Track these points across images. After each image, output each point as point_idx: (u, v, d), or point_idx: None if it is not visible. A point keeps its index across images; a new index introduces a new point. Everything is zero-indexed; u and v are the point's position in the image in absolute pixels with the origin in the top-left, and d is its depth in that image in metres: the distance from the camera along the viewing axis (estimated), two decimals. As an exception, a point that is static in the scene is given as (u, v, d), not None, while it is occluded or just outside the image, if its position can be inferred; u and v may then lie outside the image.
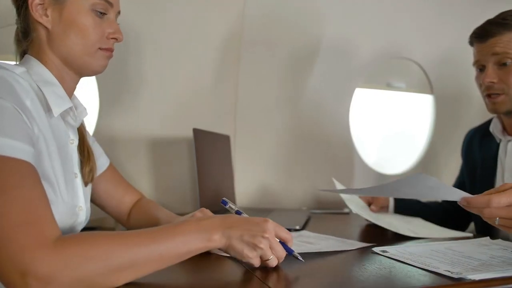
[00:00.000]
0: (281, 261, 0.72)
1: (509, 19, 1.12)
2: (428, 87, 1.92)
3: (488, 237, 1.01)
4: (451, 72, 1.91)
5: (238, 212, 0.84)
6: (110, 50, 0.87)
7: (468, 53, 1.83)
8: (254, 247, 0.68)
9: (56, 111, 0.77)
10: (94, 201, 1.00)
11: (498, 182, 1.23)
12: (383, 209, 1.35)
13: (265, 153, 1.70)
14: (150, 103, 1.47)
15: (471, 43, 1.22)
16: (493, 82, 1.14)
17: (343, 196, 1.29)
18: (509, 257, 0.81)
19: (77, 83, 0.89)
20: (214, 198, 1.36)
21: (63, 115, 0.82)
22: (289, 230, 1.09)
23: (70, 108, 0.82)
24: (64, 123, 0.83)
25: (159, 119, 1.49)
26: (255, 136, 1.68)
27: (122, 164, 1.34)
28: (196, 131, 1.24)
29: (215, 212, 1.30)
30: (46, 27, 0.80)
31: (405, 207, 1.35)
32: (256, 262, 0.70)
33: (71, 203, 0.80)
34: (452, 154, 1.94)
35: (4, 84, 0.67)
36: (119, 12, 0.90)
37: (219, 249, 0.70)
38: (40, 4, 0.80)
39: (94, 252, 0.58)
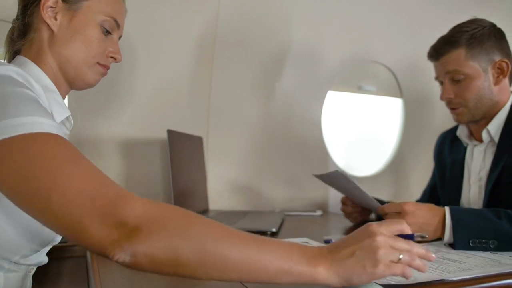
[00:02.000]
0: (417, 251, 0.60)
1: (457, 36, 1.16)
2: (397, 91, 1.96)
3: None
4: (420, 77, 1.96)
5: None
6: (107, 67, 0.88)
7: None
8: (375, 256, 0.56)
9: (58, 119, 0.76)
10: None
11: (465, 186, 1.27)
12: (365, 211, 1.37)
13: (237, 154, 1.69)
14: (122, 103, 1.43)
15: (428, 59, 1.27)
16: (450, 98, 1.20)
17: None
18: (487, 257, 0.83)
19: (67, 94, 0.88)
20: (188, 201, 1.34)
21: (59, 124, 0.81)
22: (265, 233, 1.10)
23: (67, 117, 0.82)
24: None
25: (131, 120, 1.46)
26: (228, 138, 1.67)
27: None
28: (170, 133, 1.22)
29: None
30: (51, 30, 0.80)
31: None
32: (398, 270, 0.57)
33: None
34: (419, 157, 1.99)
35: (27, 79, 0.66)
36: (120, 37, 0.92)
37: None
38: (52, 7, 0.80)
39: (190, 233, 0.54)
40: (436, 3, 1.87)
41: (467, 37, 1.16)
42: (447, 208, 0.96)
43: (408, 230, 0.62)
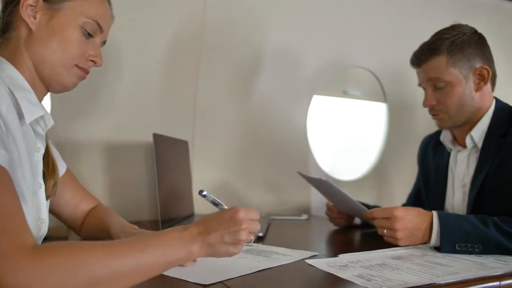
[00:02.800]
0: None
1: (438, 43, 1.17)
2: (382, 95, 1.98)
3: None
4: (404, 82, 1.98)
5: (215, 203, 0.84)
6: (86, 71, 0.86)
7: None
8: (238, 242, 0.70)
9: (28, 118, 0.74)
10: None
11: (449, 191, 1.28)
12: (349, 216, 1.38)
13: (223, 158, 1.68)
14: (106, 106, 1.41)
15: (411, 66, 1.28)
16: (432, 105, 1.21)
17: None
18: (473, 261, 0.84)
19: (44, 96, 0.86)
20: (174, 204, 1.32)
21: (33, 123, 0.78)
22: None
23: (41, 116, 0.79)
24: (33, 131, 0.79)
25: (115, 122, 1.43)
26: (214, 142, 1.65)
27: (75, 169, 1.27)
28: (156, 136, 1.20)
29: (174, 219, 1.28)
30: (29, 28, 0.78)
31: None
32: (240, 249, 0.72)
33: (35, 215, 0.75)
34: (403, 161, 2.01)
35: None
36: (104, 42, 0.91)
37: None
38: (32, 6, 0.78)
39: (76, 261, 0.54)
40: (419, 9, 1.90)
41: (448, 44, 1.16)
42: (435, 213, 0.98)
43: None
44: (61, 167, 0.97)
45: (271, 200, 1.77)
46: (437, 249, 0.96)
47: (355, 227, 1.40)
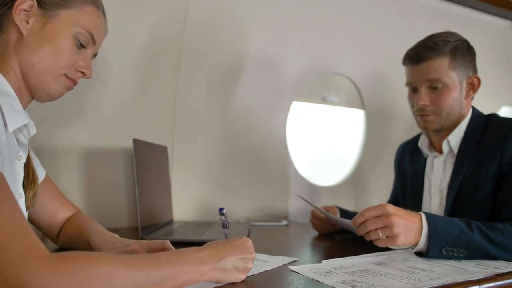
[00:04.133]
0: None
1: (440, 44, 1.18)
2: (360, 102, 2.01)
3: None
4: (381, 89, 2.02)
5: (224, 225, 0.85)
6: (74, 82, 0.85)
7: (396, 73, 1.95)
8: (246, 270, 0.73)
9: (11, 126, 0.72)
10: (25, 216, 0.91)
11: (426, 196, 1.31)
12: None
13: (202, 164, 1.67)
14: (84, 111, 1.38)
15: (405, 63, 1.26)
16: (425, 105, 1.20)
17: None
18: (453, 265, 0.85)
19: (28, 103, 0.84)
20: (153, 211, 1.30)
21: (16, 131, 0.76)
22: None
23: (25, 125, 0.77)
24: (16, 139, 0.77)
25: (93, 128, 1.40)
26: (193, 148, 1.64)
27: (53, 175, 1.24)
28: (136, 142, 1.18)
29: (154, 226, 1.26)
30: (20, 33, 0.76)
31: (348, 215, 1.39)
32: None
33: None
34: (380, 167, 2.04)
35: None
36: (95, 55, 0.90)
37: None
38: (26, 10, 0.77)
39: (97, 271, 0.54)
40: (395, 18, 1.94)
41: (452, 48, 1.17)
42: (423, 215, 0.95)
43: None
44: (40, 174, 0.95)
45: (250, 206, 1.76)
46: (419, 254, 0.97)
47: (335, 232, 1.41)
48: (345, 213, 1.42)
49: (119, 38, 1.41)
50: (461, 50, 1.19)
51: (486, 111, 1.28)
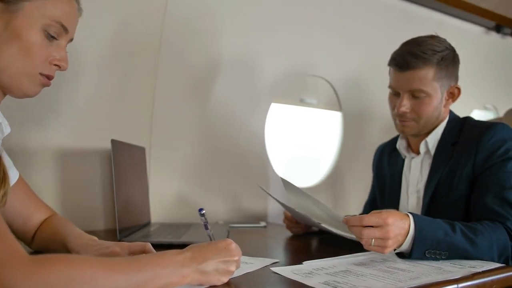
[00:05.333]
0: None
1: (428, 53, 1.16)
2: (337, 104, 2.03)
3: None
4: (357, 92, 2.04)
5: (206, 226, 0.83)
6: (50, 77, 0.80)
7: (373, 75, 1.98)
8: (229, 273, 0.72)
9: None
10: (-2, 219, 0.88)
11: (403, 197, 1.33)
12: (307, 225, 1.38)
13: (180, 165, 1.65)
14: (59, 111, 1.35)
15: (390, 65, 1.25)
16: (406, 112, 1.20)
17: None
18: (431, 265, 0.87)
19: (1, 100, 0.80)
20: (131, 213, 1.28)
21: None
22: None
23: None
24: None
25: (68, 128, 1.37)
26: (171, 149, 1.62)
27: (27, 176, 1.20)
28: (114, 143, 1.16)
29: (132, 228, 1.24)
30: None
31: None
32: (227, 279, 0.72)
33: None
34: (358, 169, 2.07)
35: None
36: (71, 39, 0.84)
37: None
38: None
39: (77, 274, 0.53)
40: (371, 20, 1.97)
41: (438, 58, 1.16)
42: (411, 218, 0.94)
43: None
44: (13, 176, 0.91)
45: (228, 208, 1.76)
46: (400, 254, 0.98)
47: (312, 233, 1.41)
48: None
49: (96, 37, 1.39)
50: (446, 62, 1.18)
51: (458, 114, 1.31)
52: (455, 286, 0.75)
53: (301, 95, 1.97)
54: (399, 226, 0.90)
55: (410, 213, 0.95)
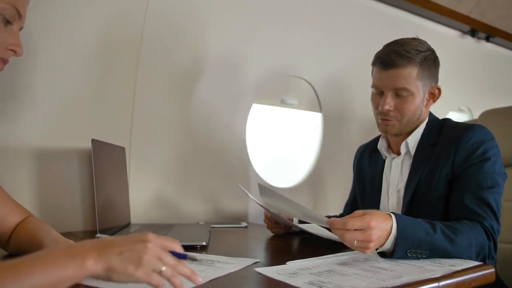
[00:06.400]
0: (181, 270, 0.63)
1: (412, 52, 1.19)
2: (317, 105, 2.05)
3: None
4: (338, 93, 2.06)
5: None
6: (5, 61, 0.79)
7: (354, 77, 2.01)
8: (139, 261, 0.58)
9: None
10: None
11: (384, 197, 1.35)
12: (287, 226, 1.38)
13: (161, 165, 1.63)
14: (35, 110, 1.31)
15: (374, 65, 1.27)
16: (389, 110, 1.23)
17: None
18: (413, 264, 0.89)
19: None
20: (111, 214, 1.26)
21: None
22: (195, 246, 1.07)
23: None
24: None
25: (45, 127, 1.34)
26: (152, 148, 1.60)
27: (1, 178, 1.18)
28: (94, 142, 1.13)
29: (112, 229, 1.22)
30: None
31: None
32: (154, 280, 0.59)
33: None
34: (337, 169, 2.09)
35: None
36: (22, 28, 0.82)
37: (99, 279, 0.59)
38: None
39: None
40: (351, 22, 1.99)
41: (422, 58, 1.20)
42: (393, 218, 0.95)
43: (180, 250, 0.65)
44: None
45: (209, 208, 1.75)
46: (382, 253, 0.99)
47: (293, 233, 1.42)
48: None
49: (75, 34, 1.36)
50: (428, 62, 1.22)
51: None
52: (436, 284, 0.77)
53: (282, 95, 1.98)
54: (381, 228, 0.91)
55: (393, 213, 0.96)
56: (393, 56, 1.19)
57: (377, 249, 0.95)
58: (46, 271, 0.55)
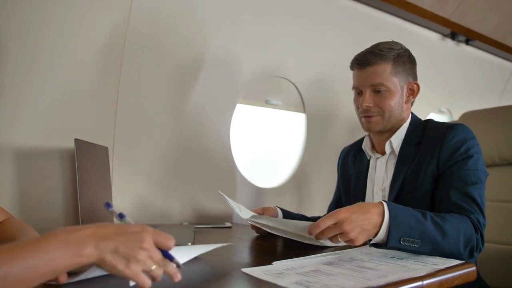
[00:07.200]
0: (168, 269, 0.64)
1: (385, 50, 1.27)
2: (302, 106, 2.06)
3: (367, 245, 1.10)
4: (322, 93, 2.08)
5: (121, 216, 0.75)
6: None
7: (337, 78, 2.02)
8: (131, 259, 0.59)
9: None
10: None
11: (368, 196, 1.37)
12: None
13: (145, 166, 1.62)
14: (16, 109, 1.28)
15: (352, 68, 1.34)
16: (369, 106, 1.28)
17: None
18: (397, 264, 0.90)
19: None
20: (94, 215, 1.24)
21: None
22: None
23: None
24: None
25: (26, 127, 1.31)
26: (136, 148, 1.59)
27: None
28: (78, 142, 1.12)
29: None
30: None
31: (291, 218, 1.41)
32: (140, 280, 0.60)
33: None
34: (321, 169, 2.10)
35: None
36: None
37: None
38: None
39: None
40: (334, 25, 2.01)
41: (395, 55, 1.27)
42: (385, 206, 0.97)
43: (171, 250, 0.66)
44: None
45: (193, 209, 1.74)
46: (375, 245, 1.00)
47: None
48: (288, 214, 1.44)
49: (57, 33, 1.34)
50: (402, 58, 1.29)
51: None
52: (420, 283, 0.78)
53: (267, 96, 1.98)
54: (359, 219, 0.94)
55: (384, 201, 0.99)
56: (367, 56, 1.28)
57: (370, 240, 0.98)
58: (40, 258, 0.55)
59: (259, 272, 0.83)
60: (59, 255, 0.56)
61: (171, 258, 0.67)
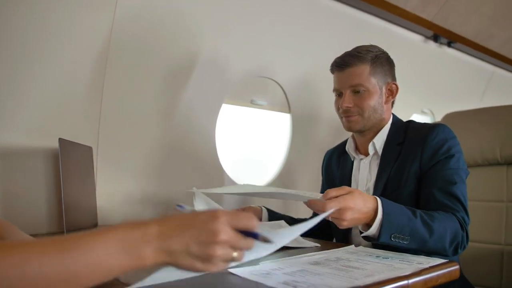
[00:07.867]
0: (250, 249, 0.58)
1: (363, 52, 1.31)
2: (287, 106, 2.06)
3: (353, 245, 1.12)
4: (306, 94, 2.09)
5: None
6: None
7: (322, 79, 2.03)
8: (209, 258, 0.53)
9: None
10: None
11: (352, 197, 1.38)
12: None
13: (129, 166, 1.60)
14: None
15: (332, 71, 1.38)
16: (349, 107, 1.31)
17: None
18: (383, 263, 0.91)
19: None
20: (78, 215, 1.23)
21: None
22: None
23: None
24: None
25: (9, 126, 1.28)
26: (119, 148, 1.57)
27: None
28: (62, 142, 1.10)
29: (79, 231, 1.18)
30: None
31: (277, 219, 1.42)
32: (221, 267, 0.55)
33: None
34: (306, 169, 2.11)
35: None
36: None
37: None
38: None
39: (5, 260, 0.45)
40: (320, 27, 2.02)
41: (372, 56, 1.30)
42: (379, 200, 1.00)
43: (255, 229, 0.58)
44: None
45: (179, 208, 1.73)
46: (367, 238, 1.02)
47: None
48: (274, 215, 1.45)
49: (40, 30, 1.31)
50: (380, 60, 1.33)
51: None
52: (406, 281, 0.79)
53: (252, 96, 1.98)
54: (359, 211, 0.96)
55: (379, 197, 1.01)
56: (346, 58, 1.32)
57: (361, 232, 1.02)
58: (94, 254, 0.49)
59: (246, 272, 0.83)
60: (116, 253, 0.50)
61: (255, 236, 0.58)
